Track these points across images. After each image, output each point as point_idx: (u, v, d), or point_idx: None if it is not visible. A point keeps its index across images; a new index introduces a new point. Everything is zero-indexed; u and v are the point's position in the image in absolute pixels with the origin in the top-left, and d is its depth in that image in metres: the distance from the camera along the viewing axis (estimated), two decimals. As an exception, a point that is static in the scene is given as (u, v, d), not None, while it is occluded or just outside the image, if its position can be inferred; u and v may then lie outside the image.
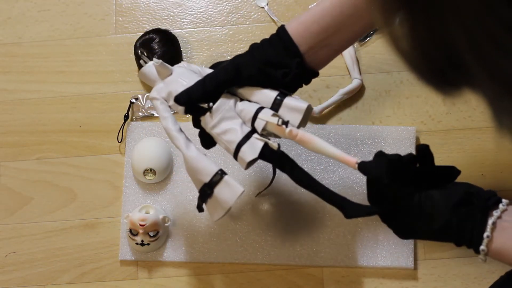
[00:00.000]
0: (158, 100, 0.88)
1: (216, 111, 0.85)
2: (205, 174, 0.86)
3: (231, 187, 0.85)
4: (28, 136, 1.11)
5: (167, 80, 0.88)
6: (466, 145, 1.05)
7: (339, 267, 1.01)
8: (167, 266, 1.04)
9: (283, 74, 0.85)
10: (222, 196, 0.86)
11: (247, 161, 0.84)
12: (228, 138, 0.85)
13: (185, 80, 0.87)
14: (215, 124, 0.86)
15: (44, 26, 1.15)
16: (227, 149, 0.87)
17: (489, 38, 0.43)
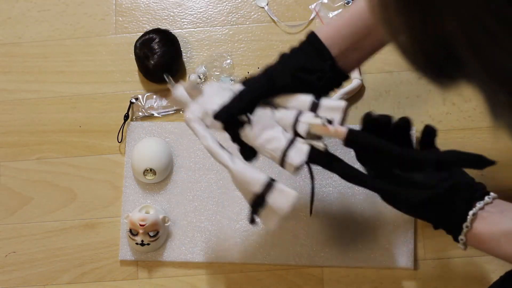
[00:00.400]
0: (195, 121, 0.88)
1: (256, 122, 0.85)
2: (255, 184, 0.85)
3: (284, 193, 0.84)
4: (28, 136, 1.11)
5: (199, 101, 0.88)
6: (466, 145, 1.05)
7: (339, 267, 1.01)
8: (167, 266, 1.04)
9: (318, 78, 0.86)
10: (276, 203, 0.84)
11: (295, 165, 0.84)
12: (272, 147, 0.85)
13: (218, 98, 0.87)
14: (257, 135, 0.85)
15: (44, 26, 1.15)
16: (273, 157, 0.86)
17: (485, 33, 0.43)
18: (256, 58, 1.11)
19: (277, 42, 1.11)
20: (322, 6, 1.12)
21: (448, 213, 0.83)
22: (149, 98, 1.10)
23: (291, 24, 1.12)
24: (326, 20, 1.11)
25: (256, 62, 1.11)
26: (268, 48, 1.11)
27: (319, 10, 1.12)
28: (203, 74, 1.10)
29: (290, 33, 1.12)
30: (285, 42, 1.11)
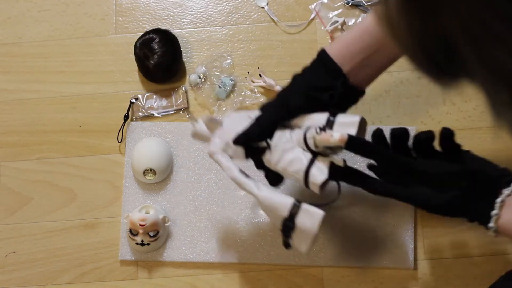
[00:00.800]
0: (218, 153, 0.90)
1: (276, 146, 0.87)
2: (283, 208, 0.87)
3: (311, 214, 0.86)
4: (28, 136, 1.11)
5: (220, 133, 0.90)
6: (466, 145, 1.05)
7: (339, 267, 1.01)
8: (167, 266, 1.04)
9: (330, 96, 0.87)
10: (305, 225, 0.86)
11: (318, 184, 0.84)
12: (294, 169, 0.86)
13: (237, 128, 0.89)
14: (279, 159, 0.87)
15: (44, 26, 1.15)
16: (297, 179, 0.87)
17: (485, 30, 0.43)
18: (256, 58, 1.11)
19: (277, 42, 1.11)
20: (322, 6, 1.12)
21: (474, 206, 0.83)
22: (149, 98, 1.10)
23: (291, 24, 1.12)
24: (325, 20, 1.11)
25: (256, 62, 1.11)
26: (268, 48, 1.11)
27: (319, 10, 1.12)
28: (203, 74, 1.10)
29: (290, 33, 1.12)
30: (285, 42, 1.11)
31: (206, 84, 1.10)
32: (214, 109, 1.08)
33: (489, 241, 1.01)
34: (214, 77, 1.10)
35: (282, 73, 1.10)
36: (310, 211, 0.86)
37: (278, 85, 1.08)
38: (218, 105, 1.08)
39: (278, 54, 1.11)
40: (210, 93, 1.09)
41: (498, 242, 1.01)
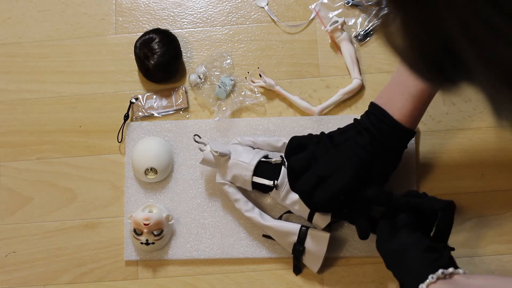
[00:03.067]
0: (226, 184, 0.99)
1: (281, 185, 0.96)
2: (292, 234, 0.97)
3: (318, 236, 0.96)
4: (28, 136, 1.11)
5: (228, 165, 0.98)
6: (466, 145, 1.05)
7: (340, 266, 1.01)
8: (167, 266, 1.04)
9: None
10: (314, 247, 0.96)
11: (322, 227, 0.97)
12: (298, 209, 0.97)
13: (244, 161, 0.97)
14: (284, 197, 0.97)
15: (44, 26, 1.15)
16: (300, 216, 0.98)
17: (486, 25, 0.42)
18: (256, 58, 1.11)
19: (277, 42, 1.12)
20: (322, 6, 1.12)
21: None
22: (149, 98, 1.10)
23: (291, 24, 1.12)
24: (325, 20, 1.11)
25: (256, 62, 1.11)
26: (268, 48, 1.11)
27: (319, 10, 1.12)
28: (203, 74, 1.10)
29: (290, 33, 1.12)
30: (285, 42, 1.11)
31: (206, 84, 1.10)
32: (214, 109, 1.08)
33: (488, 241, 1.01)
34: (214, 77, 1.10)
35: (282, 73, 1.10)
36: (317, 235, 0.96)
37: (278, 85, 1.08)
38: (218, 105, 1.08)
39: (278, 54, 1.11)
40: (210, 93, 1.09)
41: (499, 242, 1.01)
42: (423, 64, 0.51)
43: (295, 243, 0.97)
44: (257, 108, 1.08)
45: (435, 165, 1.04)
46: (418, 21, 0.47)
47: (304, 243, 0.96)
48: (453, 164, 1.04)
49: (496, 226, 1.01)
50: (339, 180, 0.89)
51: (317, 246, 0.96)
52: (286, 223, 0.98)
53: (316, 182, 0.90)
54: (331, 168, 0.90)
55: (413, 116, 0.90)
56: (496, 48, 0.43)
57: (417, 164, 1.04)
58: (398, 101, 0.90)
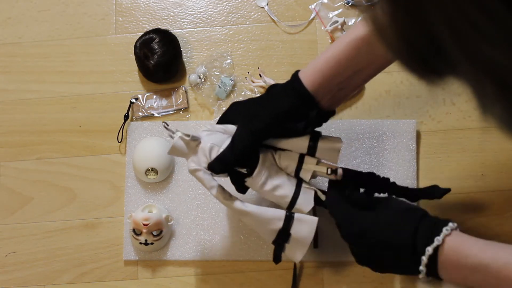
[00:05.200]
0: (200, 171, 0.89)
1: (260, 171, 0.89)
2: (277, 220, 0.89)
3: (306, 221, 0.89)
4: (28, 136, 1.11)
5: (199, 149, 0.89)
6: (466, 145, 1.05)
7: (340, 266, 1.01)
8: (167, 266, 1.04)
9: (304, 127, 0.88)
10: (300, 234, 0.89)
11: (305, 212, 0.89)
12: (280, 194, 0.89)
13: (216, 143, 0.89)
14: (263, 182, 0.89)
15: (44, 26, 1.15)
16: (280, 203, 0.90)
17: (470, 24, 0.43)
18: (256, 58, 1.11)
19: (277, 42, 1.12)
20: (322, 6, 1.12)
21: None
22: (149, 98, 1.10)
23: (291, 24, 1.12)
24: (325, 20, 1.11)
25: (256, 62, 1.11)
26: (268, 48, 1.11)
27: (319, 10, 1.12)
28: (203, 74, 1.10)
29: (290, 33, 1.12)
30: (285, 42, 1.11)
31: (206, 84, 1.10)
32: (214, 109, 1.08)
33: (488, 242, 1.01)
34: (214, 77, 1.10)
35: (282, 73, 1.10)
36: (305, 219, 0.89)
37: (278, 85, 1.08)
38: (218, 105, 1.08)
39: (278, 54, 1.11)
40: (210, 93, 1.09)
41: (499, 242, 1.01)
42: (409, 55, 0.51)
43: (279, 230, 0.89)
44: (257, 108, 1.08)
45: (435, 165, 1.04)
46: (406, 13, 0.47)
47: (290, 229, 0.89)
48: (453, 164, 1.04)
49: (496, 226, 1.01)
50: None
51: (304, 231, 0.89)
52: (270, 209, 0.90)
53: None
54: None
55: (315, 77, 0.87)
56: (479, 46, 0.44)
57: (417, 164, 1.04)
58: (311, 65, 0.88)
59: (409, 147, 1.04)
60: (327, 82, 0.85)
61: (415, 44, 0.49)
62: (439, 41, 0.46)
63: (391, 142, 1.04)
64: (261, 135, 0.88)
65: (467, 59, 0.46)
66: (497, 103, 0.48)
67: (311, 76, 0.86)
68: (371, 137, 1.05)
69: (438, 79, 0.53)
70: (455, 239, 0.80)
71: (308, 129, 0.88)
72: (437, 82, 0.53)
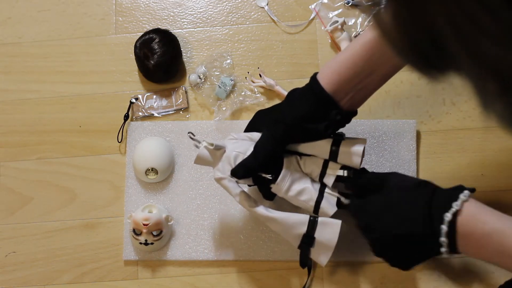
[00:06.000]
0: (225, 179, 0.92)
1: (284, 177, 0.91)
2: (301, 225, 0.91)
3: (329, 224, 0.91)
4: (28, 136, 1.11)
5: (224, 157, 0.91)
6: (466, 145, 1.05)
7: (340, 266, 1.01)
8: (167, 266, 1.04)
9: (325, 128, 0.88)
10: (324, 237, 0.90)
11: (329, 215, 0.91)
12: (305, 198, 0.91)
13: (240, 151, 0.91)
14: (288, 188, 0.91)
15: (44, 26, 1.15)
16: (305, 207, 0.92)
17: (471, 21, 0.43)
18: (256, 58, 1.11)
19: (277, 42, 1.12)
20: (322, 6, 1.12)
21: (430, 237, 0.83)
22: (149, 98, 1.10)
23: (291, 24, 1.12)
24: (325, 20, 1.11)
25: (256, 62, 1.11)
26: (268, 48, 1.11)
27: (319, 10, 1.12)
28: (203, 74, 1.10)
29: (290, 33, 1.12)
30: (285, 42, 1.11)
31: (206, 84, 1.10)
32: (214, 109, 1.08)
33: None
34: (214, 77, 1.10)
35: (282, 73, 1.10)
36: (328, 222, 0.91)
37: (278, 85, 1.08)
38: (218, 105, 1.08)
39: (278, 54, 1.11)
40: (210, 93, 1.09)
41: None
42: (411, 51, 0.52)
43: (304, 234, 0.91)
44: (257, 108, 1.08)
45: (435, 165, 1.04)
46: (408, 10, 0.48)
47: (314, 233, 0.91)
48: (453, 164, 1.04)
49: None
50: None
51: (328, 235, 0.90)
52: (294, 214, 0.92)
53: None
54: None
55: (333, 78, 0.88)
56: (480, 43, 0.44)
57: (417, 164, 1.04)
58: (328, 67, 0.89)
59: (409, 147, 1.04)
60: (345, 83, 0.87)
61: (417, 41, 0.50)
62: (441, 38, 0.46)
63: (391, 142, 1.04)
64: (283, 139, 0.90)
65: (469, 56, 0.46)
66: (498, 100, 0.48)
67: (329, 78, 0.87)
68: (371, 137, 1.05)
69: (440, 75, 0.53)
70: (473, 205, 0.80)
71: (330, 131, 0.89)
72: (439, 78, 0.53)
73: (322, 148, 0.91)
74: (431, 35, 0.47)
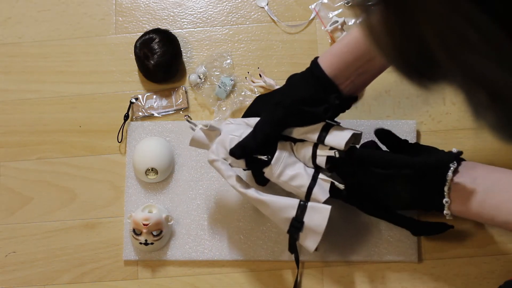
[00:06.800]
0: (218, 161, 0.92)
1: (277, 161, 0.90)
2: (290, 208, 0.90)
3: (319, 209, 0.90)
4: (28, 136, 1.11)
5: (219, 140, 0.92)
6: (466, 145, 1.05)
7: (342, 262, 1.01)
8: (167, 266, 1.04)
9: (324, 111, 0.88)
10: (313, 222, 0.89)
11: (321, 202, 0.90)
12: (297, 183, 0.90)
13: (236, 134, 0.91)
14: (280, 173, 0.90)
15: (44, 26, 1.15)
16: (297, 192, 0.91)
17: (458, 36, 0.43)
18: (256, 58, 1.11)
19: (277, 42, 1.12)
20: (322, 6, 1.12)
21: (428, 198, 0.89)
22: (149, 98, 1.10)
23: (291, 24, 1.12)
24: (325, 20, 1.11)
25: (256, 62, 1.11)
26: (268, 48, 1.11)
27: (319, 10, 1.12)
28: (203, 74, 1.10)
29: (290, 33, 1.12)
30: (285, 42, 1.11)
31: (206, 84, 1.10)
32: (214, 109, 1.08)
33: (489, 241, 1.01)
34: (214, 77, 1.10)
35: (282, 73, 1.10)
36: (318, 207, 0.89)
37: (278, 85, 1.08)
38: (218, 105, 1.08)
39: (278, 54, 1.11)
40: (210, 93, 1.09)
41: (499, 242, 1.01)
42: (401, 59, 0.52)
43: (293, 218, 0.90)
44: (257, 108, 1.08)
45: (435, 165, 1.04)
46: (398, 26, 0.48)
47: (303, 217, 0.90)
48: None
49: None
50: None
51: (317, 220, 0.89)
52: (284, 198, 0.91)
53: None
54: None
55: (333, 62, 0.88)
56: (469, 58, 0.44)
57: (417, 164, 1.04)
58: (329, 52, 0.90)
59: (409, 147, 1.04)
60: (347, 66, 0.87)
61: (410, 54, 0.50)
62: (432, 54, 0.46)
63: (391, 142, 1.04)
64: (283, 122, 0.90)
65: (458, 69, 0.46)
66: (489, 111, 0.48)
67: (330, 60, 0.87)
68: (371, 137, 1.05)
69: (432, 85, 0.53)
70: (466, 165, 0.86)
71: (329, 114, 0.89)
72: (432, 88, 0.54)
73: (314, 132, 0.90)
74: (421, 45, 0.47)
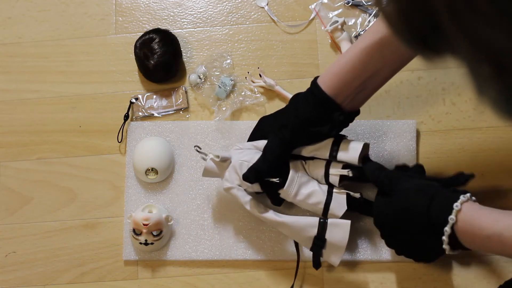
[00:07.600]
0: (234, 188, 0.95)
1: (292, 181, 0.93)
2: (311, 227, 0.93)
3: (339, 225, 0.92)
4: (28, 136, 1.11)
5: (231, 167, 0.95)
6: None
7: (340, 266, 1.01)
8: (167, 266, 1.04)
9: (329, 130, 0.91)
10: (335, 238, 0.92)
11: (339, 216, 0.93)
12: (313, 201, 0.93)
13: (245, 160, 0.94)
14: (296, 193, 0.93)
15: (44, 26, 1.15)
16: (314, 210, 0.94)
17: (467, 5, 0.44)
18: (256, 58, 1.11)
19: (277, 42, 1.12)
20: (322, 6, 1.12)
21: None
22: (149, 98, 1.10)
23: (291, 24, 1.12)
24: (325, 20, 1.11)
25: (256, 62, 1.11)
26: (268, 48, 1.11)
27: (319, 10, 1.12)
28: (203, 74, 1.10)
29: (290, 33, 1.12)
30: (285, 42, 1.11)
31: (206, 84, 1.10)
32: (214, 109, 1.08)
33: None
34: (214, 77, 1.10)
35: (282, 73, 1.10)
36: (338, 223, 0.93)
37: (278, 85, 1.08)
38: (218, 105, 1.08)
39: (278, 54, 1.11)
40: (210, 93, 1.09)
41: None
42: (408, 31, 0.53)
43: (315, 237, 0.93)
44: (257, 108, 1.08)
45: (435, 165, 1.04)
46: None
47: (325, 234, 0.92)
48: (453, 164, 1.04)
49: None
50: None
51: (338, 235, 0.92)
52: (303, 218, 0.94)
53: None
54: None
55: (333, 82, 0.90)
56: (476, 26, 0.44)
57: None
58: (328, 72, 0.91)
59: (409, 147, 1.04)
60: (346, 86, 0.89)
61: (415, 22, 0.51)
62: (438, 20, 0.47)
63: (391, 143, 1.04)
64: (291, 143, 0.93)
65: (465, 39, 0.47)
66: (493, 84, 0.49)
67: (329, 81, 0.90)
68: (371, 137, 1.05)
69: (437, 57, 0.54)
70: (468, 213, 0.83)
71: (334, 131, 0.92)
72: (435, 59, 0.55)
73: (324, 149, 0.93)
74: (429, 16, 0.48)
